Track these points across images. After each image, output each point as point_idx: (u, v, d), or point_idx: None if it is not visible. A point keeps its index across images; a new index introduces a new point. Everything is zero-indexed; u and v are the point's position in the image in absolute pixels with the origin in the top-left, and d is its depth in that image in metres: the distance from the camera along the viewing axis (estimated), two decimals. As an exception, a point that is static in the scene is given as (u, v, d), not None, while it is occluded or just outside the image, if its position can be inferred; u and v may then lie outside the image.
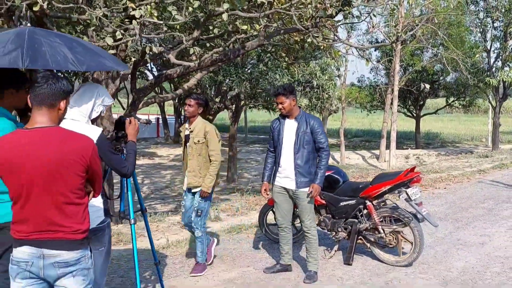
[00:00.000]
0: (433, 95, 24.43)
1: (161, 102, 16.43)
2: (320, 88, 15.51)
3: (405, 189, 4.98)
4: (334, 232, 5.27)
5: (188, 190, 4.79)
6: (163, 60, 11.02)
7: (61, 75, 2.40)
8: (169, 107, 32.33)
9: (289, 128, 4.59)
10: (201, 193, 4.64)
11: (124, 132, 3.28)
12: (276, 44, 9.59)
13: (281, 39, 9.00)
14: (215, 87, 15.11)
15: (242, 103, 15.05)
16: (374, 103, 23.10)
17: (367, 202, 5.09)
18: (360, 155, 21.58)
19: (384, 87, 20.23)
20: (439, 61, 19.52)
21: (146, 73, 20.12)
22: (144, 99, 7.52)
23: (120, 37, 5.22)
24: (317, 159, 4.59)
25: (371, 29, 12.65)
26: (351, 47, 11.16)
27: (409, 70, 21.25)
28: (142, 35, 5.84)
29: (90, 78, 6.58)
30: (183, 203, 4.89)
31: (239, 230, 6.41)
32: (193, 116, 4.66)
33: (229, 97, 14.57)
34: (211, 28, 7.54)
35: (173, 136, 27.72)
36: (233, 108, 15.26)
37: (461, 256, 5.38)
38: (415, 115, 24.13)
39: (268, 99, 14.31)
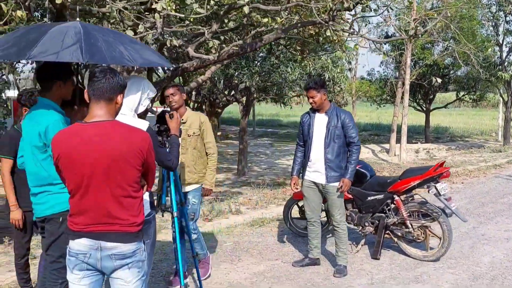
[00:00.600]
0: (443, 89, 24.28)
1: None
2: (331, 81, 15.49)
3: (434, 184, 4.97)
4: (360, 226, 5.27)
5: None
6: (177, 53, 10.99)
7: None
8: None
9: (320, 122, 4.58)
10: (205, 191, 4.27)
11: (166, 126, 3.29)
12: (292, 37, 9.54)
13: (297, 32, 8.95)
14: (225, 80, 15.05)
15: (253, 96, 15.01)
16: (384, 96, 22.99)
17: (395, 196, 5.08)
18: (370, 149, 21.48)
19: (395, 81, 20.12)
20: (450, 55, 19.38)
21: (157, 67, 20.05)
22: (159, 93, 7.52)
23: (141, 30, 5.20)
24: (347, 154, 4.58)
25: (388, 22, 12.55)
26: (368, 40, 11.05)
27: (420, 64, 21.11)
28: (164, 28, 5.83)
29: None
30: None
31: (261, 223, 6.44)
32: (181, 105, 4.17)
33: (239, 90, 14.53)
34: (226, 21, 7.52)
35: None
36: (244, 101, 15.23)
37: (488, 251, 5.37)
38: (425, 109, 24.00)
39: (278, 92, 14.27)
